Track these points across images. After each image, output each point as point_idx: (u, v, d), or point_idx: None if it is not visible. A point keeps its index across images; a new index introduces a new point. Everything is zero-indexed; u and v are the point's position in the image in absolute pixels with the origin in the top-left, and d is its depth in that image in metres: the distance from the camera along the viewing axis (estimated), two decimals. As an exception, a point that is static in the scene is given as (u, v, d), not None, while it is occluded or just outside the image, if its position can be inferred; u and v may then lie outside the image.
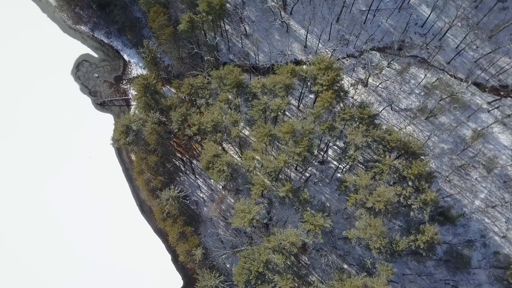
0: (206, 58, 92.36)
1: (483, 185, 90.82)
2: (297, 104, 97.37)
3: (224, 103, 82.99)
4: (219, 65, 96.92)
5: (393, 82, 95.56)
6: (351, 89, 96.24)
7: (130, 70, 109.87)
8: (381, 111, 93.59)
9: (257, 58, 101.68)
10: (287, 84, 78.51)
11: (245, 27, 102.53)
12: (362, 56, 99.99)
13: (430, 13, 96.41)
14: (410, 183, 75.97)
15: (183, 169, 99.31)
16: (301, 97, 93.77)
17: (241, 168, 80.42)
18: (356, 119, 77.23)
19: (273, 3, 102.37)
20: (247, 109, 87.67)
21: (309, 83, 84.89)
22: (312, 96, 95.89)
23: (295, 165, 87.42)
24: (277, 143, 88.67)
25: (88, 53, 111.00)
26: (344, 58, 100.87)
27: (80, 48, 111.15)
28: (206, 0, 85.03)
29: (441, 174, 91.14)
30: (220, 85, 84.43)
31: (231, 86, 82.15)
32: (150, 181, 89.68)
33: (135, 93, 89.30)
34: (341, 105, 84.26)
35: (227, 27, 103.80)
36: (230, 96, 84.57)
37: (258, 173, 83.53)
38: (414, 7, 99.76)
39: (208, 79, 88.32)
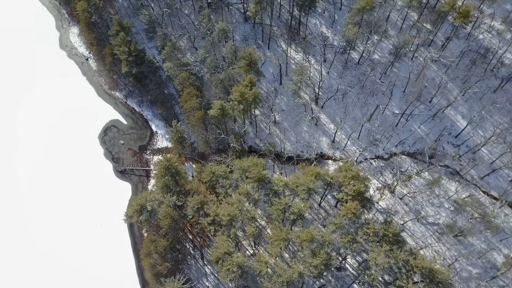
0: (232, 145, 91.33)
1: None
2: (319, 201, 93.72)
3: (243, 196, 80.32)
4: (244, 151, 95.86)
5: (421, 192, 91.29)
6: (376, 193, 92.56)
7: (156, 140, 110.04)
8: (406, 222, 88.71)
9: (283, 147, 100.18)
10: (310, 187, 75.61)
11: (274, 115, 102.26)
12: (391, 159, 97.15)
13: (466, 126, 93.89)
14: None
15: (192, 252, 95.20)
16: (324, 197, 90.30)
17: (251, 269, 75.85)
18: (380, 235, 72.72)
19: (305, 96, 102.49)
20: (266, 203, 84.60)
21: (333, 187, 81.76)
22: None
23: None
24: (294, 243, 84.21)
25: (118, 119, 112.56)
26: (372, 158, 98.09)
27: (111, 113, 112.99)
28: (240, 91, 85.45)
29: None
30: (242, 176, 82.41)
31: (253, 179, 79.93)
32: (157, 264, 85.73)
33: (155, 171, 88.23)
34: (365, 212, 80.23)
35: (257, 112, 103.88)
36: (249, 188, 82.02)
37: (269, 270, 78.60)
38: (449, 117, 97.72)
39: (230, 168, 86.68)
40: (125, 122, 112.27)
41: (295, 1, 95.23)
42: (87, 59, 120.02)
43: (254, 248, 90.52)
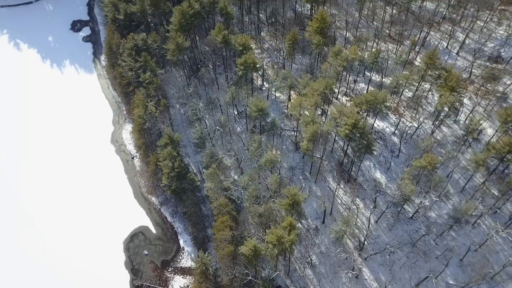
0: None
1: None
2: None
3: None
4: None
5: None
6: None
7: (180, 258, 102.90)
8: None
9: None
10: None
11: (311, 258, 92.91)
12: None
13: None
14: None
15: None
16: None
17: None
18: None
19: (349, 243, 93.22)
20: None
21: None
22: None
23: None
24: None
25: (147, 226, 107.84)
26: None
27: (142, 219, 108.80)
28: (277, 234, 78.13)
29: None
30: (263, 338, 71.82)
31: None
32: None
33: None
34: None
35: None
36: None
37: None
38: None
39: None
40: (154, 231, 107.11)
41: (350, 145, 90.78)
42: (133, 158, 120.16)
43: None
